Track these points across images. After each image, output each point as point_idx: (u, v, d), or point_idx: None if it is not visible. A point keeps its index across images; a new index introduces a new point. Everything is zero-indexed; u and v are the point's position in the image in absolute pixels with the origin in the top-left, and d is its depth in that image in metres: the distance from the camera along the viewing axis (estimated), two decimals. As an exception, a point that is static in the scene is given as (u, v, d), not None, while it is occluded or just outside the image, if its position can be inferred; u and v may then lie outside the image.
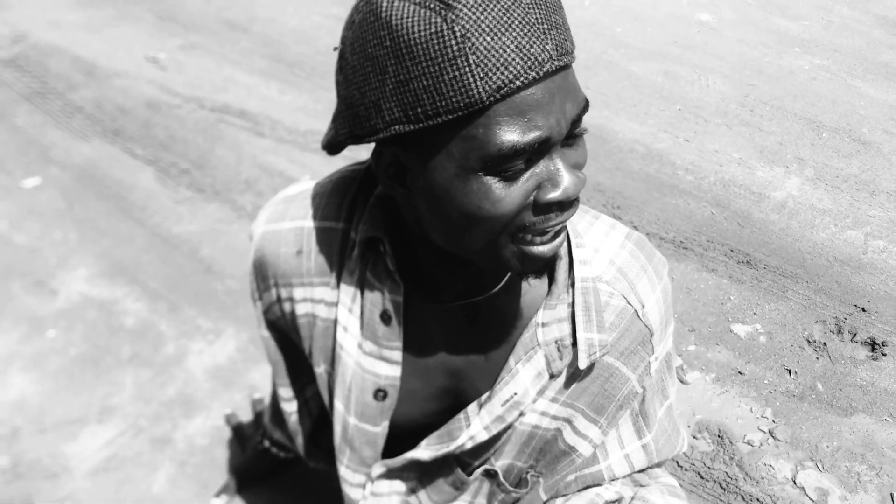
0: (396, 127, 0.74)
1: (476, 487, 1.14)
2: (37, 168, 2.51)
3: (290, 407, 1.22)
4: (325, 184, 1.03)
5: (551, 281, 0.99)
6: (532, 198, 0.76)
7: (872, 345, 2.16)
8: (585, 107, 0.77)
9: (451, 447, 1.03)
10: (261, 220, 1.05)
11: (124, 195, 2.42)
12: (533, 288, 1.00)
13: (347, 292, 1.00)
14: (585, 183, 0.79)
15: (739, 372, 2.06)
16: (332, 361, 1.05)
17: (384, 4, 0.72)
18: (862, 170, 2.77)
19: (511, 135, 0.71)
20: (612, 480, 1.15)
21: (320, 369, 1.07)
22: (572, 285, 0.98)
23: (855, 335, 2.17)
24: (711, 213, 2.53)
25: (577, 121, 0.75)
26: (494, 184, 0.74)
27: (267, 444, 1.62)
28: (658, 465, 1.21)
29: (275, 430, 1.51)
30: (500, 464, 1.10)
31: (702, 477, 1.81)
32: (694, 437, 1.89)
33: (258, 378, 1.88)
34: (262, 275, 1.06)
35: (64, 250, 2.22)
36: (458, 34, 0.68)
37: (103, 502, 1.63)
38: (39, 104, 2.80)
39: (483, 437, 1.02)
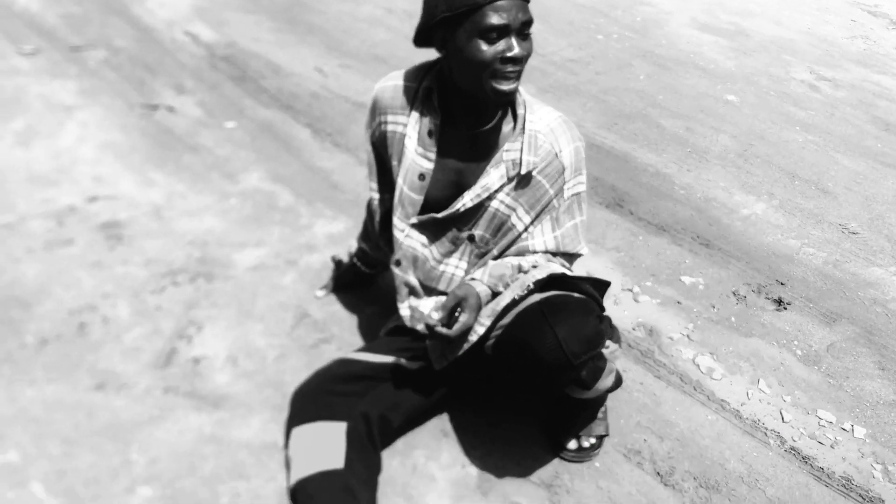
0: (444, 13, 1.61)
1: (463, 248, 1.94)
2: (234, 117, 3.49)
3: (375, 195, 2.04)
4: (411, 68, 1.91)
5: (515, 128, 1.84)
6: (500, 55, 1.62)
7: (779, 302, 2.83)
8: (530, 19, 1.62)
9: (454, 209, 1.86)
10: (379, 83, 1.92)
11: (289, 141, 3.36)
12: (505, 131, 1.84)
13: (413, 118, 1.86)
14: (529, 55, 1.65)
15: (678, 302, 2.76)
16: (401, 157, 1.90)
17: None
18: (816, 207, 3.45)
19: (492, 20, 1.57)
20: (534, 253, 1.93)
21: (395, 162, 1.92)
22: (523, 132, 1.82)
23: (768, 295, 2.86)
24: (691, 214, 3.27)
25: (525, 23, 1.61)
26: (483, 44, 1.59)
27: (355, 260, 2.47)
28: (565, 256, 1.99)
29: (361, 242, 2.35)
30: (476, 232, 1.92)
31: (630, 346, 2.52)
32: (633, 329, 2.61)
33: (353, 243, 2.74)
34: (374, 111, 1.93)
35: (246, 162, 3.15)
36: None
37: (252, 283, 2.50)
38: (240, 84, 3.83)
39: (469, 205, 1.83)
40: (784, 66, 5.07)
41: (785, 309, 2.78)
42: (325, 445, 1.76)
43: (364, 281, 2.48)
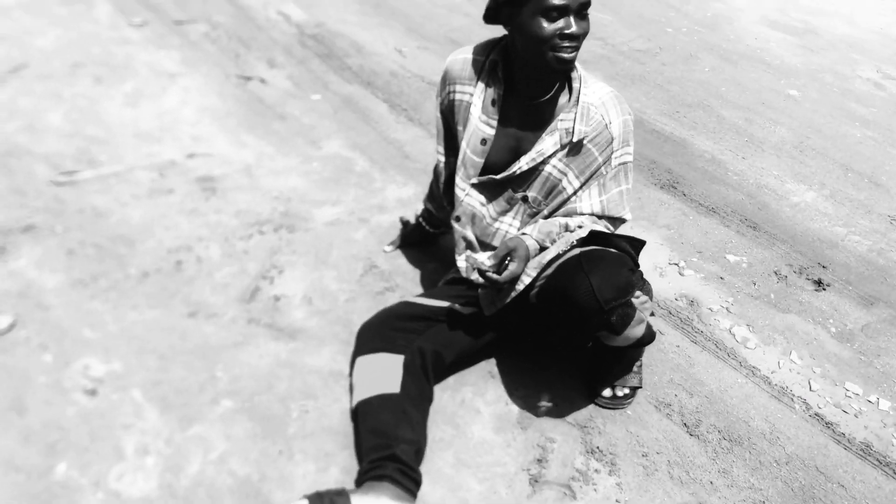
0: None
1: (517, 208, 2.09)
2: (319, 90, 3.70)
3: (441, 158, 2.20)
4: (480, 43, 2.07)
5: (570, 100, 1.98)
6: (559, 32, 1.76)
7: (819, 283, 2.89)
8: (588, 1, 1.76)
9: (511, 171, 2.01)
10: (451, 55, 2.07)
11: (367, 113, 3.56)
12: (561, 102, 1.98)
13: (479, 89, 2.01)
14: (586, 33, 1.78)
15: (720, 277, 2.86)
16: (466, 123, 2.05)
17: None
18: (867, 198, 3.47)
19: (553, 1, 1.72)
20: (581, 214, 2.07)
21: (460, 128, 2.07)
22: (577, 104, 1.96)
23: (809, 276, 2.92)
24: (741, 198, 3.34)
25: (584, 4, 1.74)
26: (544, 21, 1.74)
27: (421, 220, 2.64)
28: (610, 220, 2.12)
29: (427, 203, 2.52)
30: (530, 194, 2.07)
31: (671, 314, 2.63)
32: (675, 299, 2.73)
33: (420, 207, 2.92)
34: (444, 81, 2.09)
35: (328, 130, 3.37)
36: None
37: (328, 236, 2.70)
38: (326, 60, 4.05)
39: (525, 168, 1.98)
40: (851, 65, 5.04)
41: (824, 290, 2.84)
42: (384, 373, 1.95)
43: (428, 240, 2.65)
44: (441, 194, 2.28)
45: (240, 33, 4.19)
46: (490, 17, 1.91)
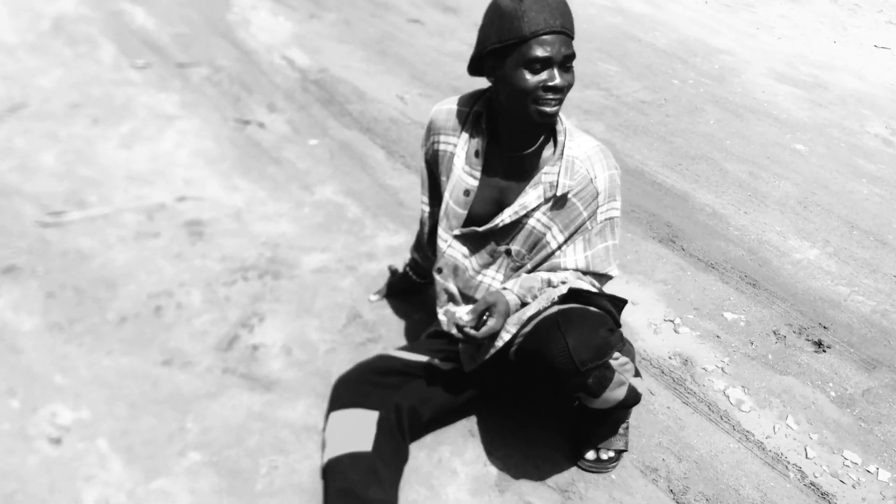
0: (494, 45, 1.75)
1: (500, 261, 2.05)
2: (318, 136, 3.70)
3: (425, 208, 2.18)
4: (465, 94, 2.05)
5: (554, 153, 1.95)
6: (542, 84, 1.74)
7: (819, 344, 2.81)
8: (572, 53, 1.74)
9: (493, 223, 1.97)
10: (436, 106, 2.06)
11: (364, 160, 3.55)
12: (546, 155, 1.96)
13: (463, 139, 1.99)
14: (570, 85, 1.76)
15: (717, 336, 2.79)
16: (449, 174, 2.03)
17: (497, 1, 1.75)
18: (873, 257, 3.40)
19: (536, 52, 1.70)
20: (565, 270, 2.02)
21: (444, 178, 2.05)
22: (562, 157, 1.93)
23: (809, 337, 2.85)
24: (742, 254, 3.28)
25: (568, 57, 1.72)
26: (527, 73, 1.72)
27: (408, 269, 2.61)
28: (595, 276, 2.07)
29: (413, 252, 2.48)
30: (513, 247, 2.03)
31: (663, 373, 2.57)
32: (669, 358, 2.66)
33: (408, 256, 2.89)
34: (429, 131, 2.07)
35: (322, 176, 3.35)
36: (521, 10, 1.68)
37: (314, 283, 2.65)
38: (327, 106, 4.06)
39: (507, 221, 1.94)
40: (859, 120, 5.01)
41: (824, 352, 2.77)
42: (357, 430, 1.89)
43: (415, 289, 2.61)
44: (426, 244, 2.25)
45: (242, 77, 4.22)
46: (474, 68, 1.90)
